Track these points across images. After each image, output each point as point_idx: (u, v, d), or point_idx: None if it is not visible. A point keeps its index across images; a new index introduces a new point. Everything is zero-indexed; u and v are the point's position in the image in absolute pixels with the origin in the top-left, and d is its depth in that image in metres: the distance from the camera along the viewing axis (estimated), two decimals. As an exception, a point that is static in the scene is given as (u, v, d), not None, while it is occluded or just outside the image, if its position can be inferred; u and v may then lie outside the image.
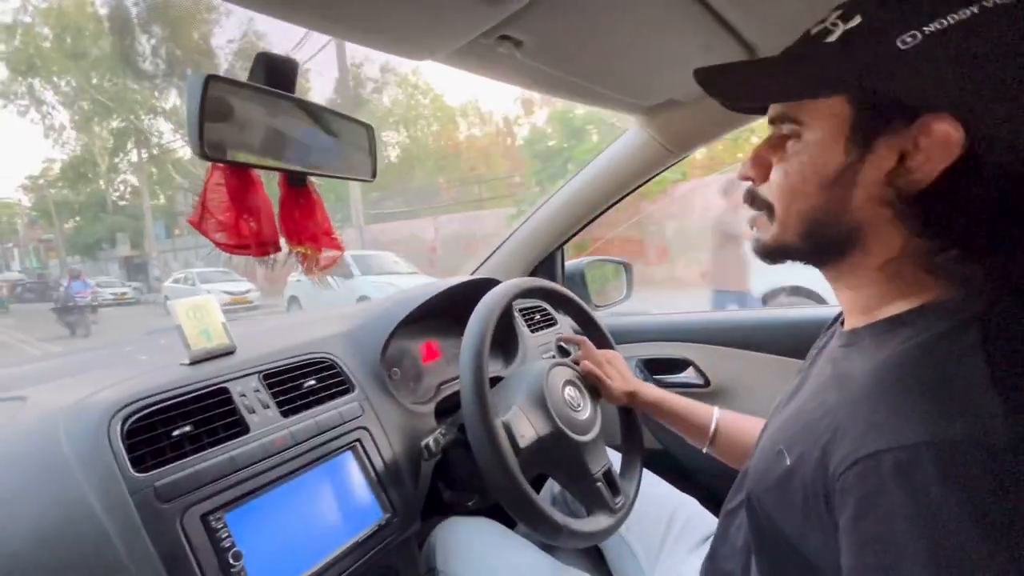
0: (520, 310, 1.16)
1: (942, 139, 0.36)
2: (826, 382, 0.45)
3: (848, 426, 0.37)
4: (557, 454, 0.73)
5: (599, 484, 0.73)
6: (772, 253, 0.47)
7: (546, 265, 1.28)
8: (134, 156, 18.67)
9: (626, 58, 0.69)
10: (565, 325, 1.25)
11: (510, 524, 0.85)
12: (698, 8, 0.60)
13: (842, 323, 0.50)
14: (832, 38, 0.40)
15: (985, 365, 0.33)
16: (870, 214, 0.41)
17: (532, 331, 1.15)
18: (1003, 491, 0.30)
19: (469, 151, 15.93)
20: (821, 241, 0.44)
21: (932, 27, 0.35)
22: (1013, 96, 0.35)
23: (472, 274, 1.28)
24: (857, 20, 0.39)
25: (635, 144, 0.99)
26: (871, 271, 0.43)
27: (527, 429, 0.71)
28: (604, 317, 1.34)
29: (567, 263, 1.37)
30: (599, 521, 0.70)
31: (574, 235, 1.23)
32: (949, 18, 0.35)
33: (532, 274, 1.28)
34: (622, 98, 0.81)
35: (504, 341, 1.10)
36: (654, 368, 1.25)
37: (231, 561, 0.53)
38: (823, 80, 0.40)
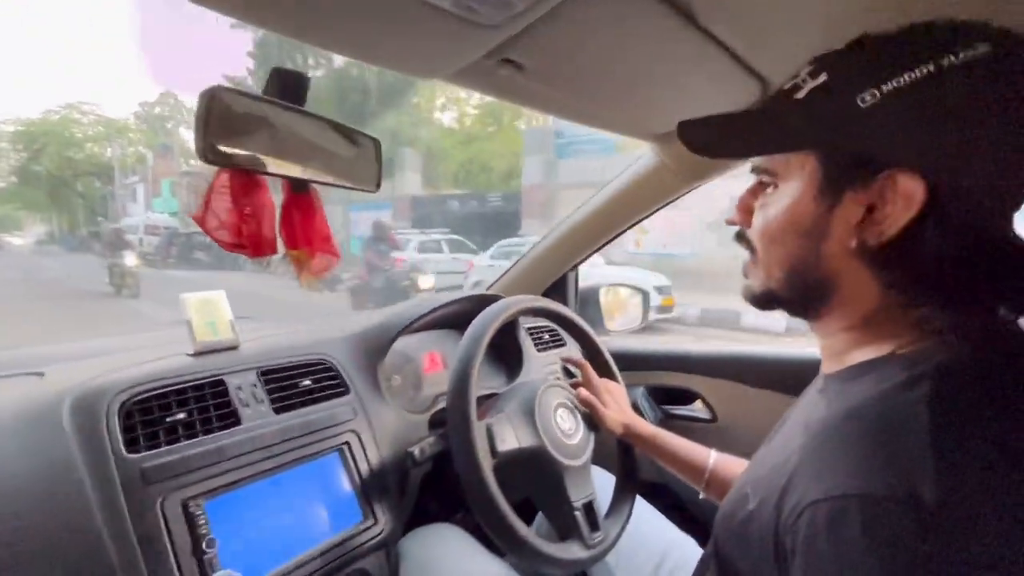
0: (528, 329, 1.16)
1: (905, 193, 0.37)
2: (796, 427, 0.46)
3: (800, 473, 0.37)
4: (537, 471, 0.72)
5: (577, 513, 0.71)
6: (761, 300, 0.48)
7: (559, 286, 1.28)
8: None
9: (632, 86, 0.70)
10: (574, 347, 1.24)
11: (489, 542, 0.84)
12: (703, 40, 0.60)
13: None
14: (800, 95, 0.41)
15: (928, 420, 0.33)
16: (843, 264, 0.42)
17: (539, 350, 1.15)
18: (925, 550, 0.29)
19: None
20: (801, 289, 0.45)
21: (890, 85, 0.37)
22: (970, 151, 0.37)
23: (487, 290, 1.30)
24: (823, 78, 0.40)
25: (649, 170, 0.99)
26: (848, 320, 0.44)
27: (509, 436, 0.71)
28: (613, 341, 1.33)
29: (582, 285, 1.36)
30: (571, 550, 0.68)
31: (587, 257, 1.23)
32: (906, 76, 0.36)
33: (545, 294, 1.28)
34: (631, 124, 0.82)
35: (509, 358, 1.10)
36: (661, 398, 1.22)
37: (204, 548, 0.55)
38: (789, 137, 0.43)
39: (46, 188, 23.94)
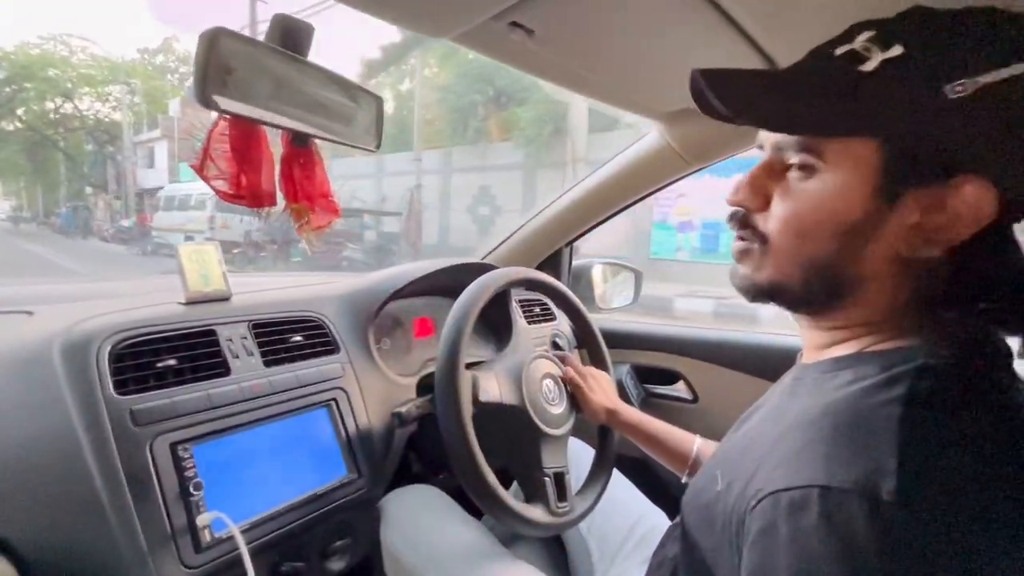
0: (519, 301, 1.17)
1: (975, 203, 0.33)
2: (770, 414, 0.46)
3: (767, 461, 0.37)
4: (515, 429, 0.74)
5: (546, 479, 0.73)
6: (763, 294, 0.43)
7: (552, 261, 1.28)
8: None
9: (642, 60, 0.69)
10: (563, 322, 1.25)
11: (469, 506, 0.87)
12: (717, 17, 0.59)
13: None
14: (868, 67, 0.35)
15: (897, 419, 0.32)
16: (879, 269, 0.38)
17: (529, 323, 1.16)
18: (883, 546, 0.29)
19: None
20: (818, 289, 0.40)
21: (987, 77, 0.31)
22: None
23: (480, 259, 1.30)
24: (898, 50, 0.34)
25: (652, 149, 0.98)
26: (852, 320, 0.41)
27: (493, 390, 0.72)
28: (602, 319, 1.34)
29: (575, 262, 1.37)
30: (534, 511, 0.69)
31: (582, 234, 1.23)
32: (1012, 69, 0.31)
33: (538, 268, 1.28)
34: (638, 100, 0.81)
35: (498, 329, 1.11)
36: (645, 377, 1.25)
37: (192, 490, 0.57)
38: (854, 117, 0.36)
39: (22, 147, 17.35)
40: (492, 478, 0.66)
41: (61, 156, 18.60)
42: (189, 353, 0.65)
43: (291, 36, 0.56)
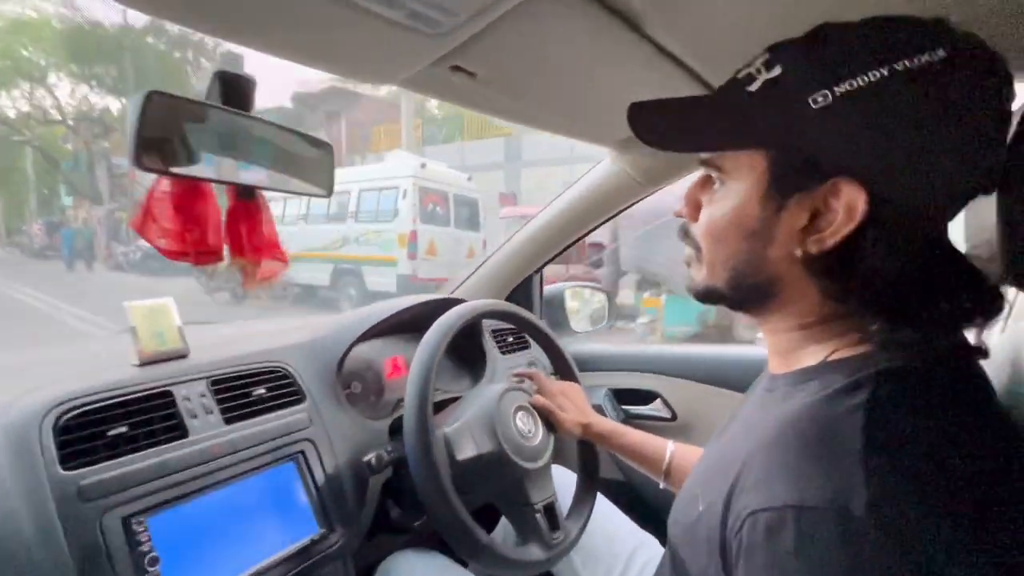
0: (493, 332, 1.16)
1: (848, 203, 0.36)
2: (743, 427, 0.46)
3: (744, 480, 0.37)
4: (497, 476, 0.73)
5: (538, 516, 0.72)
6: (703, 295, 0.47)
7: (523, 289, 1.28)
8: None
9: (585, 93, 0.71)
10: (538, 349, 1.25)
11: (464, 563, 0.84)
12: (652, 51, 0.61)
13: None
14: (753, 87, 0.39)
15: (861, 428, 0.33)
16: (785, 270, 0.41)
17: (503, 353, 1.15)
18: (852, 559, 0.29)
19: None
20: (744, 290, 0.44)
21: (842, 87, 0.35)
22: (915, 161, 0.35)
23: (450, 294, 1.29)
24: (777, 71, 0.38)
25: (609, 175, 1.00)
26: (790, 321, 0.44)
27: (468, 444, 0.71)
28: (577, 344, 1.35)
29: (547, 287, 1.38)
30: (530, 552, 0.69)
31: (550, 260, 1.24)
32: (859, 79, 0.35)
33: (509, 297, 1.29)
34: (587, 130, 0.83)
35: (472, 361, 1.10)
36: (623, 399, 1.24)
37: (147, 566, 0.54)
38: (740, 133, 0.40)
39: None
40: (484, 536, 0.65)
41: (31, 157, 13.75)
42: (143, 418, 0.62)
43: (233, 91, 0.56)
